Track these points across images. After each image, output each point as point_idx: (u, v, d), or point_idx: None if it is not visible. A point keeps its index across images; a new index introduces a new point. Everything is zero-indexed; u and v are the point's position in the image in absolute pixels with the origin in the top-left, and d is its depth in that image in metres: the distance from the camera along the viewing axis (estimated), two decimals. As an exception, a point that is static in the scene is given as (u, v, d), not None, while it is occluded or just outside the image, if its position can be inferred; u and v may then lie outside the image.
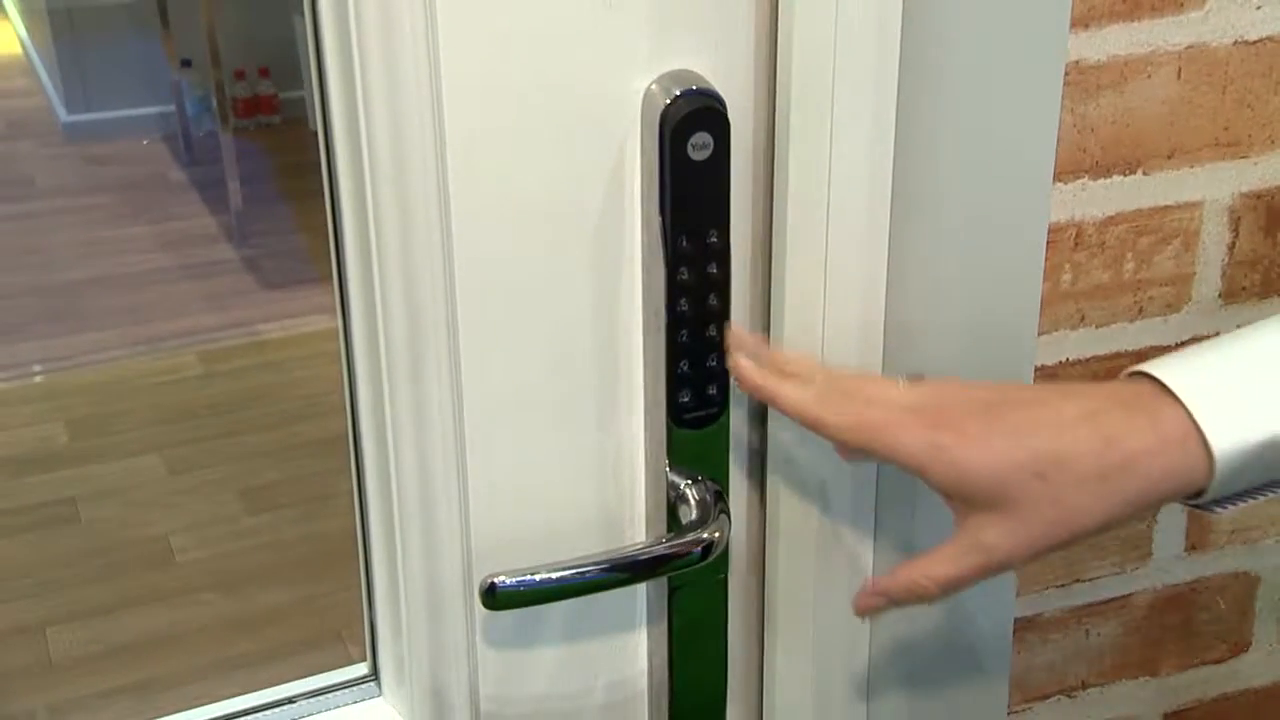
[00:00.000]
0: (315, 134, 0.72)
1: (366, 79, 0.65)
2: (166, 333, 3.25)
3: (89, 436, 2.87)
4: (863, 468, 0.78)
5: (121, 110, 4.35)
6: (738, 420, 0.77)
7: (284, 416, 2.91)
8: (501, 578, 0.72)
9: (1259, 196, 0.81)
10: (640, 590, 0.79)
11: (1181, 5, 0.75)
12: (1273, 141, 0.80)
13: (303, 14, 0.66)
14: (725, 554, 0.77)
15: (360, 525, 0.77)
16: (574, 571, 0.73)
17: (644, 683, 0.81)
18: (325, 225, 0.73)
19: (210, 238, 3.63)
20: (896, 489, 0.79)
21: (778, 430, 0.77)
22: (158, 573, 2.52)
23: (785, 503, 0.78)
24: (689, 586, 0.78)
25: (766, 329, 0.76)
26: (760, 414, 0.77)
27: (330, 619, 2.38)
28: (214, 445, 2.84)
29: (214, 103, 3.65)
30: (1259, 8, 0.76)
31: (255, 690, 0.79)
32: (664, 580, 0.77)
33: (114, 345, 3.21)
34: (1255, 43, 0.77)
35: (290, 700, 0.78)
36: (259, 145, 4.02)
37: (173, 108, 4.18)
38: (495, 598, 0.72)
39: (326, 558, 2.52)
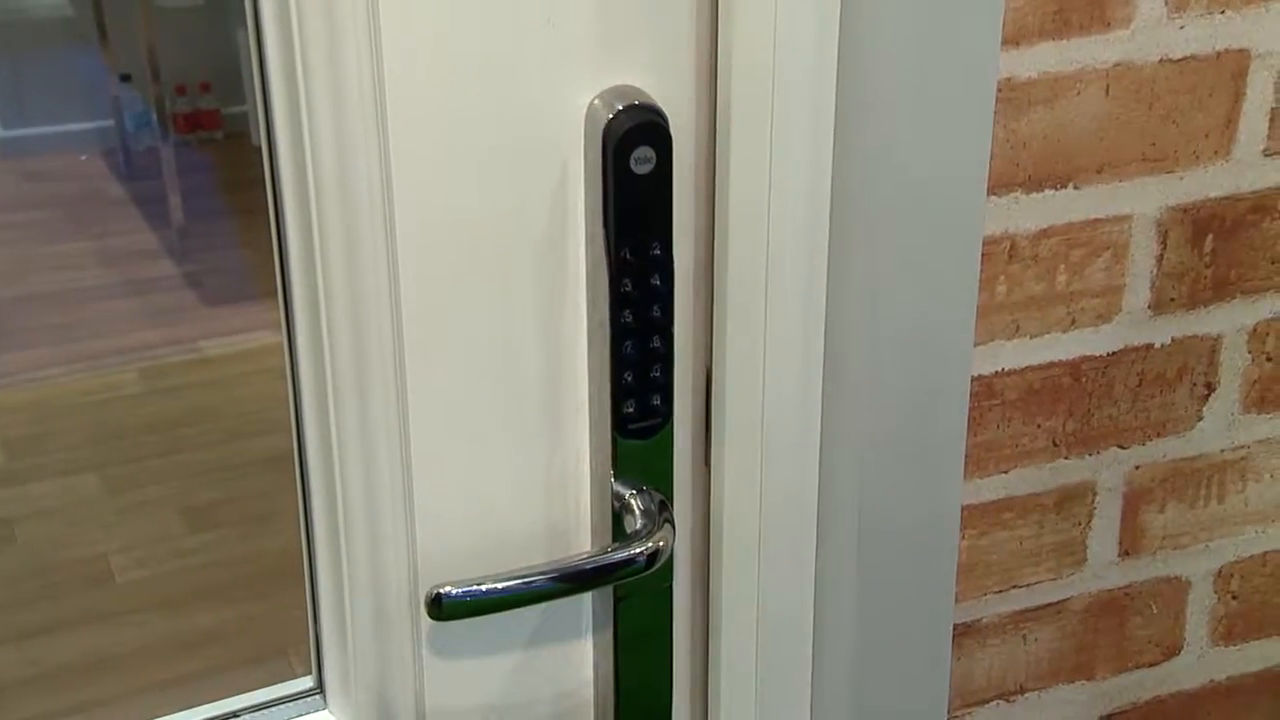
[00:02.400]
0: (258, 149, 0.72)
1: (311, 96, 0.66)
2: (106, 350, 3.21)
3: (26, 456, 2.83)
4: (805, 477, 0.80)
5: (59, 125, 4.30)
6: (681, 430, 0.78)
7: (225, 434, 2.89)
8: (447, 588, 0.72)
9: (1185, 210, 0.83)
10: (586, 600, 0.80)
11: (1108, 24, 0.77)
12: (1197, 157, 0.82)
13: (245, 29, 0.66)
14: (670, 563, 0.78)
15: (305, 538, 0.77)
16: (520, 582, 0.74)
17: (590, 692, 0.82)
18: (268, 241, 0.73)
19: (150, 254, 3.60)
20: (841, 498, 0.80)
21: (721, 439, 0.78)
22: (97, 593, 2.49)
23: (729, 511, 0.79)
24: (634, 595, 0.79)
25: (709, 340, 0.77)
26: (704, 423, 0.78)
27: (273, 637, 2.36)
28: (154, 464, 2.81)
29: (154, 118, 3.61)
30: (1182, 27, 0.79)
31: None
32: (609, 590, 0.78)
33: (51, 363, 3.17)
34: (1179, 61, 0.80)
35: (235, 715, 0.78)
36: (200, 160, 3.99)
37: (111, 123, 4.13)
38: (441, 608, 0.73)
39: (269, 576, 2.50)
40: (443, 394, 0.72)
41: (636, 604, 0.79)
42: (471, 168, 0.69)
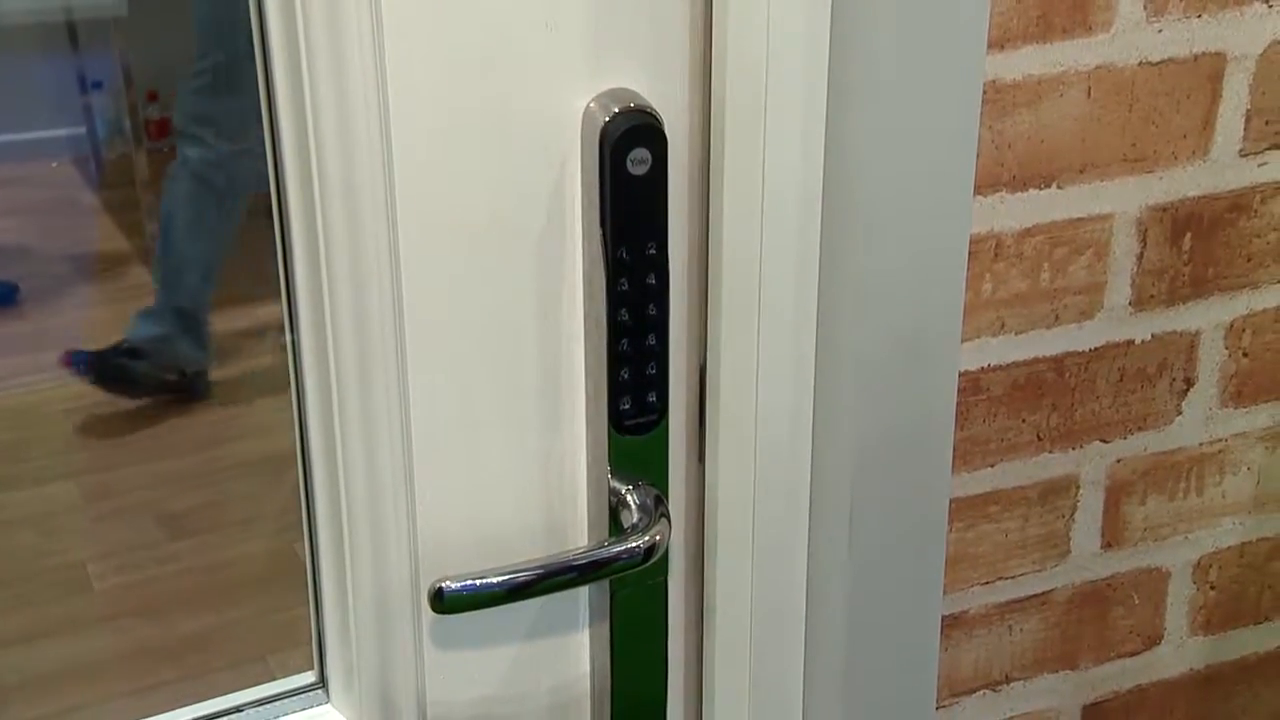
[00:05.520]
0: None
1: (316, 100, 0.67)
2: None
3: (1, 464, 2.82)
4: (797, 471, 0.81)
5: (29, 133, 4.27)
6: (676, 426, 0.79)
7: (203, 439, 2.88)
8: (449, 582, 0.74)
9: (1164, 209, 0.85)
10: (583, 594, 0.81)
11: (1090, 28, 0.79)
12: (1176, 157, 0.84)
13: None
14: (665, 557, 0.79)
15: (308, 534, 0.79)
16: (519, 575, 0.75)
17: (587, 684, 0.83)
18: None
19: (124, 260, 3.58)
20: (832, 493, 0.82)
21: (715, 435, 0.80)
22: (75, 601, 2.48)
23: (724, 506, 0.81)
24: (630, 589, 0.80)
25: (703, 337, 0.78)
26: (699, 420, 0.80)
27: (253, 642, 2.36)
28: (131, 471, 2.80)
29: (126, 124, 3.60)
30: (1160, 31, 0.81)
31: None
32: (606, 583, 0.80)
33: (26, 371, 3.15)
34: (1158, 64, 0.82)
35: (238, 709, 0.79)
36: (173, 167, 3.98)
37: (83, 130, 4.11)
38: (444, 602, 0.74)
39: (250, 581, 2.49)
40: (443, 391, 0.73)
41: (632, 597, 0.81)
42: (471, 168, 0.70)
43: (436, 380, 0.73)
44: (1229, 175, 0.86)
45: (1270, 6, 0.83)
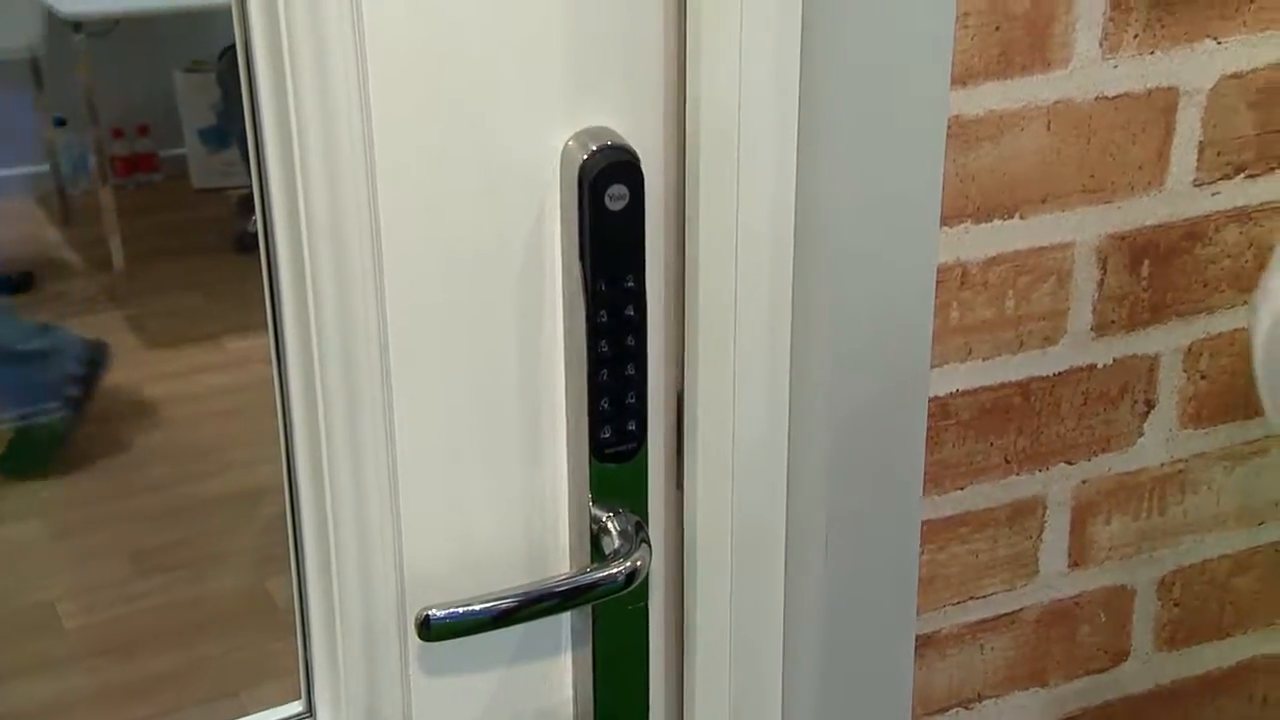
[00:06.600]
0: (197, 191, 0.75)
1: (304, 141, 0.69)
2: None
3: (-33, 503, 2.80)
4: (773, 497, 0.83)
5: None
6: (655, 454, 0.81)
7: (173, 477, 2.87)
8: (436, 610, 0.75)
9: (1123, 237, 0.88)
10: (565, 619, 0.83)
11: (1049, 65, 0.82)
12: (1133, 187, 0.87)
13: (184, 70, 0.69)
14: (646, 582, 0.81)
15: (295, 564, 0.80)
16: (504, 602, 0.77)
17: (570, 709, 0.85)
18: (209, 283, 0.76)
19: (91, 299, 3.58)
20: (808, 517, 0.84)
21: (693, 463, 0.82)
22: (45, 640, 2.46)
23: (702, 532, 0.83)
24: (612, 614, 0.82)
25: (681, 367, 0.81)
26: (677, 447, 0.82)
27: (225, 679, 2.35)
28: (102, 508, 2.79)
29: (91, 161, 3.60)
30: (1116, 67, 0.84)
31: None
32: (588, 609, 0.81)
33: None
34: (1114, 98, 0.85)
35: (227, 740, 0.80)
36: (139, 203, 3.97)
37: (47, 167, 4.11)
38: (430, 629, 0.76)
39: (219, 618, 2.49)
40: (428, 422, 0.75)
41: (614, 622, 0.82)
42: (455, 205, 0.72)
43: (421, 411, 0.75)
44: (1184, 204, 0.89)
45: (1219, 43, 0.86)
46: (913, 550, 0.88)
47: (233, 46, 0.71)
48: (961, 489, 0.90)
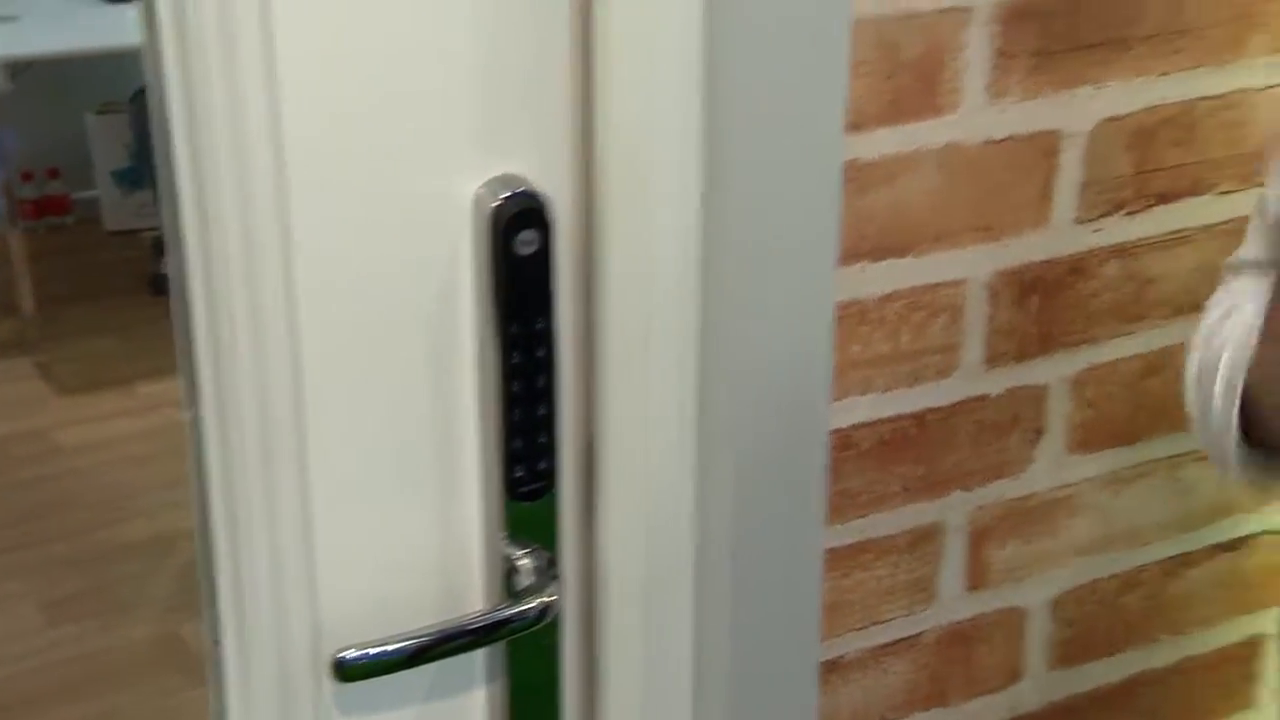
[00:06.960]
0: (109, 234, 0.76)
1: (218, 185, 0.70)
2: (-44, 445, 3.12)
3: (-128, 556, 2.73)
4: (682, 530, 0.86)
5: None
6: (567, 492, 0.83)
7: (83, 525, 2.83)
8: (350, 651, 0.77)
9: (1012, 274, 0.92)
10: (480, 656, 0.84)
11: (938, 110, 0.86)
12: (1020, 226, 0.92)
13: (95, 112, 0.70)
14: (558, 618, 0.83)
15: (209, 611, 0.80)
16: (416, 641, 0.79)
17: (487, 743, 0.86)
18: (120, 328, 0.76)
19: (0, 345, 3.51)
20: (715, 550, 0.86)
21: (605, 499, 0.84)
22: (-48, 693, 2.41)
23: (614, 568, 0.85)
24: (525, 650, 0.84)
25: (591, 406, 0.83)
26: (588, 485, 0.84)
27: (141, 728, 2.31)
28: (10, 558, 2.74)
29: (1, 205, 3.55)
30: (1002, 112, 0.88)
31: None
32: (502, 645, 0.83)
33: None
34: (1001, 141, 0.89)
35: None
36: (50, 247, 3.91)
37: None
38: (345, 671, 0.77)
39: (132, 667, 2.45)
40: (342, 462, 0.77)
41: (527, 658, 0.84)
42: (369, 250, 0.74)
43: (336, 453, 0.76)
44: (1067, 241, 0.93)
45: (1097, 88, 0.91)
46: (816, 579, 0.91)
47: (145, 88, 0.72)
48: (863, 517, 0.93)
